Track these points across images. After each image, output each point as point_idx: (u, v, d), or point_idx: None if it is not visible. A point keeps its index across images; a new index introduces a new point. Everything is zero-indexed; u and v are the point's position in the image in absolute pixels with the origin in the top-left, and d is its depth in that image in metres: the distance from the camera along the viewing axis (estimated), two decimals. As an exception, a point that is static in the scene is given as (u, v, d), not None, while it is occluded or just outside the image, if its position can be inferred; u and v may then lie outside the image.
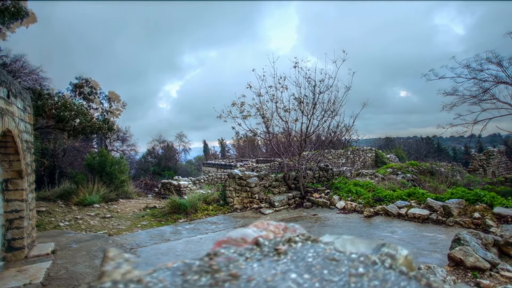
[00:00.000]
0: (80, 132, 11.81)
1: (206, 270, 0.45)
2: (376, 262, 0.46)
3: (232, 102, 8.75)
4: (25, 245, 4.71)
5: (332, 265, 0.46)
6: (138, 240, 6.13)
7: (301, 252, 0.51)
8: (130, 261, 0.50)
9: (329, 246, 0.53)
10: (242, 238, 0.56)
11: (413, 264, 0.48)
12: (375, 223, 6.10)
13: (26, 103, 5.15)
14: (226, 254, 0.49)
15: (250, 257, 0.50)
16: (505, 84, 10.06)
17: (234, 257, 0.49)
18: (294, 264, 0.47)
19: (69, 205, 10.59)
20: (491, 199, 5.51)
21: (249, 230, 0.60)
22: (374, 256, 0.48)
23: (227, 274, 0.44)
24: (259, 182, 8.56)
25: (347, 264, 0.46)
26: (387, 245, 0.51)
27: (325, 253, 0.50)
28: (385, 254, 0.48)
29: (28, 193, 5.03)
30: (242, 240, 0.55)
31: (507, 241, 2.88)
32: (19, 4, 10.93)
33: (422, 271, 0.40)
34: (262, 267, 0.47)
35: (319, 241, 0.56)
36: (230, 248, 0.52)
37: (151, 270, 0.47)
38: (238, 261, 0.48)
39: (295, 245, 0.54)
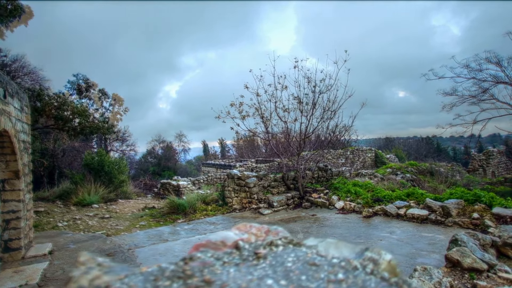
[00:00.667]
0: (79, 132, 11.79)
1: (178, 276, 0.43)
2: (357, 267, 0.44)
3: (230, 103, 8.74)
4: (22, 245, 4.69)
5: (312, 271, 0.44)
6: (136, 240, 6.11)
7: (281, 257, 0.49)
8: (104, 265, 0.48)
9: (311, 250, 0.51)
10: (222, 241, 0.54)
11: (397, 269, 0.46)
12: (373, 224, 6.08)
13: (23, 103, 5.13)
14: (202, 259, 0.47)
15: (228, 262, 0.48)
16: (504, 84, 10.04)
17: (210, 261, 0.47)
18: (272, 269, 0.45)
19: (68, 205, 10.57)
20: (490, 199, 5.49)
21: (230, 233, 0.58)
22: (356, 261, 0.46)
23: (200, 280, 0.42)
24: (258, 182, 8.54)
25: (327, 270, 0.44)
26: (371, 249, 0.49)
27: (306, 258, 0.48)
28: (368, 258, 0.46)
29: (25, 193, 5.01)
30: (222, 243, 0.53)
31: (505, 242, 2.85)
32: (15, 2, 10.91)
33: (404, 278, 0.38)
34: (239, 272, 0.45)
35: (302, 244, 0.54)
36: (208, 252, 0.50)
37: (123, 275, 0.45)
38: (214, 266, 0.46)
39: (276, 249, 0.52)
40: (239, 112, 8.73)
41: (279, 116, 8.58)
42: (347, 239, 5.21)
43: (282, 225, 6.52)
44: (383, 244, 4.81)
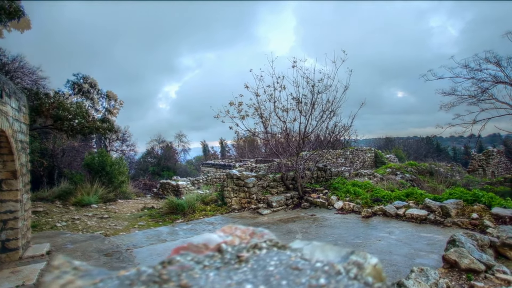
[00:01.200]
0: (78, 132, 11.77)
1: (154, 280, 0.41)
2: (340, 272, 0.42)
3: (229, 102, 8.72)
4: (19, 246, 4.68)
5: (293, 275, 0.42)
6: (134, 240, 6.10)
7: (263, 260, 0.47)
8: (80, 269, 0.46)
9: (296, 254, 0.50)
10: (205, 244, 0.52)
11: (382, 274, 0.44)
12: (372, 224, 6.06)
13: (21, 103, 5.12)
14: (182, 262, 0.46)
15: (208, 265, 0.46)
16: (504, 84, 10.02)
17: (189, 265, 0.45)
18: (253, 273, 0.44)
19: (67, 205, 10.55)
20: (489, 199, 5.47)
21: (214, 236, 0.56)
22: (340, 265, 0.44)
23: (176, 284, 0.41)
24: (257, 182, 8.52)
25: (309, 274, 0.42)
26: (356, 253, 0.47)
27: (289, 262, 0.46)
28: (353, 262, 0.45)
29: (23, 193, 5.00)
30: (204, 246, 0.52)
31: (504, 242, 2.84)
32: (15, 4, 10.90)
33: (388, 284, 0.37)
34: (219, 276, 0.43)
35: (288, 247, 0.53)
36: (188, 255, 0.48)
37: (98, 279, 0.43)
38: (193, 270, 0.44)
39: (260, 252, 0.50)
40: (238, 112, 8.72)
41: (278, 116, 8.57)
42: (346, 239, 5.20)
43: (281, 225, 6.52)
44: (382, 245, 4.80)
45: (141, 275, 0.44)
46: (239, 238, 0.55)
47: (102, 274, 0.46)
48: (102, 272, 0.47)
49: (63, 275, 0.42)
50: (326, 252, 0.50)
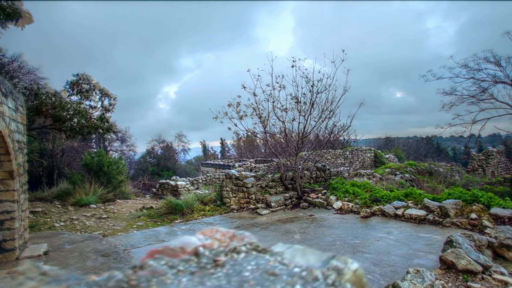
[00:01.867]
0: (78, 132, 11.74)
1: (123, 286, 0.39)
2: (318, 278, 0.41)
3: (228, 103, 8.70)
4: (16, 246, 4.66)
5: (269, 281, 0.41)
6: (132, 241, 6.08)
7: (240, 265, 0.45)
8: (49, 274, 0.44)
9: (275, 258, 0.48)
10: (181, 247, 0.50)
11: (363, 279, 0.42)
12: (371, 224, 6.04)
13: (18, 103, 5.10)
14: (154, 267, 0.44)
15: (182, 270, 0.44)
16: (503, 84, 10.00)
17: (162, 270, 0.43)
18: (227, 279, 0.42)
19: (66, 205, 10.54)
20: (488, 199, 5.45)
21: (193, 238, 0.54)
22: (318, 270, 0.42)
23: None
24: (255, 182, 8.50)
25: (285, 280, 0.40)
26: (337, 257, 0.45)
27: (266, 266, 0.44)
28: (333, 268, 0.43)
29: (20, 194, 4.98)
30: (181, 249, 0.50)
31: (502, 243, 2.82)
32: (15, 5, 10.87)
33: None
34: (191, 282, 0.42)
35: (268, 251, 0.51)
36: (162, 259, 0.46)
37: (65, 285, 0.41)
38: (166, 275, 0.42)
39: (237, 256, 0.48)
40: (236, 112, 8.70)
41: (277, 116, 8.55)
42: (344, 239, 5.18)
43: (279, 226, 6.49)
44: (380, 245, 4.78)
45: (111, 280, 0.42)
46: (218, 241, 0.53)
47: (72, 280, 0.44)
48: (73, 277, 0.45)
49: (27, 281, 0.40)
50: (307, 256, 0.48)
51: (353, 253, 4.48)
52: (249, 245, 0.52)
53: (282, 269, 0.43)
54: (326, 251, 4.62)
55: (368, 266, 3.97)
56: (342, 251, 4.59)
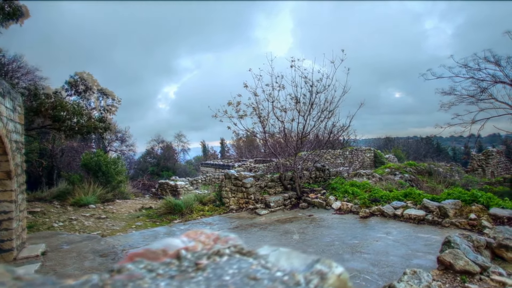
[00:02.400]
0: (77, 132, 11.73)
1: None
2: (300, 282, 0.39)
3: (228, 102, 8.68)
4: (14, 247, 4.64)
5: (249, 286, 0.39)
6: (131, 241, 6.06)
7: (222, 268, 0.44)
8: (23, 279, 0.43)
9: (258, 261, 0.46)
10: (163, 250, 0.49)
11: (348, 284, 0.41)
12: (370, 224, 6.02)
13: (16, 103, 5.08)
14: (132, 270, 0.42)
15: (162, 274, 0.43)
16: (503, 84, 9.98)
17: (139, 274, 0.42)
18: (206, 283, 0.40)
19: (65, 205, 10.52)
20: (487, 199, 5.44)
21: (177, 241, 0.53)
22: (301, 274, 0.41)
23: (119, 297, 0.37)
24: (255, 182, 8.49)
25: (266, 285, 0.39)
26: (322, 261, 0.44)
27: (248, 270, 0.43)
28: (316, 272, 0.41)
29: (18, 194, 4.96)
30: (163, 252, 0.48)
31: (500, 243, 2.80)
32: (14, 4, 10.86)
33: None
34: (170, 286, 0.40)
35: (252, 254, 0.49)
36: (142, 262, 0.45)
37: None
38: (143, 279, 0.41)
39: (220, 259, 0.47)
40: (236, 112, 8.68)
41: (276, 116, 8.53)
42: (343, 239, 5.16)
43: (278, 226, 6.48)
44: (379, 245, 4.76)
45: (87, 284, 0.40)
46: (202, 244, 0.52)
47: (47, 284, 0.43)
48: (48, 282, 0.44)
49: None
50: (292, 260, 0.47)
51: (351, 254, 4.46)
52: (233, 248, 0.51)
53: (264, 273, 0.42)
54: (324, 251, 4.61)
55: (367, 267, 3.95)
56: (340, 251, 4.57)
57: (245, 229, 6.32)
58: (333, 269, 0.42)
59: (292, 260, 0.47)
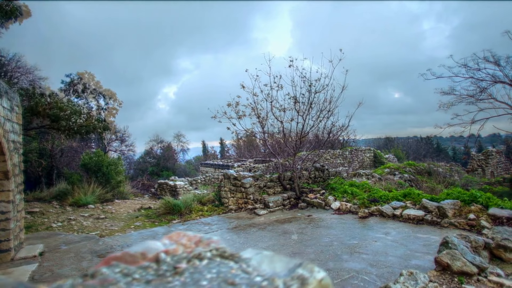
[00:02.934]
0: (76, 132, 11.72)
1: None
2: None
3: (227, 103, 8.67)
4: (11, 247, 4.63)
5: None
6: (129, 241, 6.05)
7: (200, 273, 0.42)
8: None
9: (239, 265, 0.45)
10: (142, 253, 0.47)
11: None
12: (369, 224, 6.01)
13: (14, 103, 5.07)
14: (106, 275, 0.41)
15: (138, 278, 0.42)
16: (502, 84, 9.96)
17: (113, 279, 0.40)
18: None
19: (64, 206, 10.50)
20: (486, 199, 5.42)
21: (158, 243, 0.51)
22: (281, 280, 0.39)
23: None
24: (254, 182, 8.47)
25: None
26: (304, 265, 0.42)
27: (227, 275, 0.41)
28: (297, 277, 0.40)
29: (16, 194, 4.95)
30: (142, 255, 0.47)
31: (499, 244, 2.78)
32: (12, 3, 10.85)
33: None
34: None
35: (235, 257, 0.48)
36: (118, 266, 0.43)
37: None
38: (117, 284, 0.39)
39: (199, 263, 0.45)
40: (235, 112, 8.67)
41: (275, 116, 8.52)
42: (342, 240, 5.14)
43: (277, 226, 6.46)
44: (378, 246, 4.74)
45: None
46: (183, 247, 0.50)
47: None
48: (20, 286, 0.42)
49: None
50: (274, 264, 0.45)
51: (350, 254, 4.45)
52: (215, 251, 0.49)
53: (243, 278, 0.40)
54: (323, 252, 4.60)
55: (365, 267, 3.94)
56: (339, 252, 4.56)
57: (244, 230, 6.30)
58: (314, 273, 0.40)
59: (274, 264, 0.45)
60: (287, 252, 4.71)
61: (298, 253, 4.64)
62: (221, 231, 6.38)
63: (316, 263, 4.19)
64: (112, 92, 13.87)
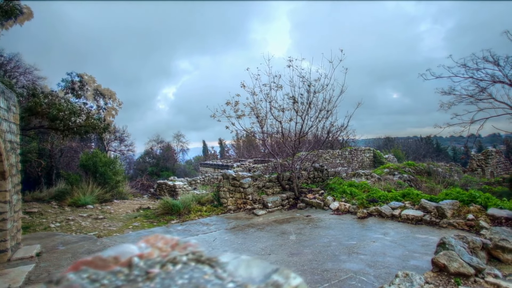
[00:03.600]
0: (75, 132, 11.70)
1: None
2: (250, 294, 0.36)
3: (226, 102, 8.65)
4: (8, 247, 4.61)
5: (195, 299, 0.36)
6: (126, 242, 5.99)
7: (171, 279, 0.41)
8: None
9: (213, 270, 0.43)
10: (115, 257, 0.45)
11: (305, 295, 0.38)
12: (368, 225, 5.99)
13: (11, 103, 5.05)
14: (72, 281, 0.39)
15: (106, 284, 0.40)
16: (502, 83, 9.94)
17: (79, 285, 0.38)
18: (150, 296, 0.37)
19: (63, 206, 10.49)
20: (485, 200, 5.40)
21: (133, 247, 0.49)
22: (255, 286, 0.38)
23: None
24: (252, 182, 8.45)
25: (213, 298, 0.36)
26: (280, 271, 0.40)
27: (199, 281, 0.40)
28: (272, 283, 0.38)
29: (13, 194, 4.93)
30: (114, 260, 0.45)
31: (496, 244, 2.76)
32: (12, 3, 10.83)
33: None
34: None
35: (212, 261, 0.46)
36: (86, 272, 0.41)
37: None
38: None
39: (173, 268, 0.43)
40: (234, 112, 8.65)
41: (274, 116, 8.50)
42: (340, 240, 5.12)
43: (275, 226, 6.44)
44: (376, 246, 4.73)
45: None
46: (158, 250, 0.48)
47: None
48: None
49: None
50: (251, 269, 0.44)
51: (348, 255, 4.43)
52: (191, 255, 0.47)
53: (216, 284, 0.39)
54: (321, 252, 4.58)
55: (363, 268, 3.92)
56: (337, 252, 4.54)
57: (242, 230, 6.28)
58: (290, 280, 0.39)
59: (251, 269, 0.43)
60: (284, 253, 4.69)
61: (295, 253, 4.62)
62: (219, 232, 6.36)
63: (314, 263, 4.18)
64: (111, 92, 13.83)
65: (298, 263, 4.21)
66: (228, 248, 5.20)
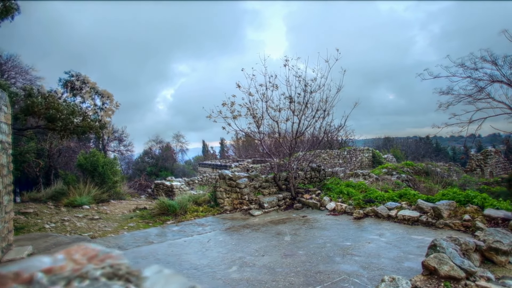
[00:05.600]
0: (72, 132, 11.64)
1: None
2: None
3: (222, 102, 8.60)
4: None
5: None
6: (121, 242, 5.98)
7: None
8: None
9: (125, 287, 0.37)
10: (17, 272, 0.40)
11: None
12: (364, 225, 5.93)
13: (2, 103, 5.00)
14: None
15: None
16: (500, 83, 9.88)
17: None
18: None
19: (59, 206, 10.43)
20: (482, 200, 5.34)
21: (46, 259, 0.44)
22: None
23: None
24: (249, 183, 8.40)
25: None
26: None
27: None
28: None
29: (4, 195, 4.87)
30: (14, 275, 0.39)
31: (490, 246, 2.70)
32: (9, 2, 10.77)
33: None
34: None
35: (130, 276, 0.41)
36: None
37: None
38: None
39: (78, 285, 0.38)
40: (230, 112, 8.59)
41: (270, 116, 8.44)
42: (335, 241, 5.07)
43: (270, 227, 6.37)
44: (371, 247, 4.67)
45: None
46: (73, 263, 0.43)
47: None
48: None
49: None
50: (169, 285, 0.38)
51: (342, 256, 4.37)
52: (108, 268, 0.42)
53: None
54: (315, 253, 4.52)
55: (357, 270, 3.86)
56: (331, 254, 4.48)
57: (237, 231, 6.23)
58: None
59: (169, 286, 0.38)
60: (278, 254, 4.63)
61: (289, 255, 4.57)
62: (214, 232, 6.30)
63: (307, 265, 4.12)
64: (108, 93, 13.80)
65: (292, 265, 4.15)
66: (222, 249, 5.15)
